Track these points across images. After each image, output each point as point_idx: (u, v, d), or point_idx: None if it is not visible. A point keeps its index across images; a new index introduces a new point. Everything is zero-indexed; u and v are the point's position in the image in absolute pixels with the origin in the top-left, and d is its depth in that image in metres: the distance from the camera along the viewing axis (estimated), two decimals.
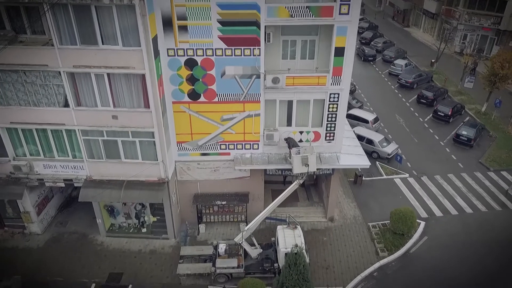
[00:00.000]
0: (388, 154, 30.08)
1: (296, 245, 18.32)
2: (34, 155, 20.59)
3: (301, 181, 20.97)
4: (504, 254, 22.26)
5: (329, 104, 20.44)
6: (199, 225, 23.44)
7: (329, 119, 20.89)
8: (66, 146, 20.28)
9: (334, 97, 20.24)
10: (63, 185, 21.45)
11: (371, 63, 49.73)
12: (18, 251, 21.95)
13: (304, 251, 18.43)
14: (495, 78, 34.26)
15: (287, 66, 19.93)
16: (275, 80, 19.32)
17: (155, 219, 22.80)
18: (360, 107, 36.49)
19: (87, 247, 22.32)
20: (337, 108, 20.58)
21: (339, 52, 19.01)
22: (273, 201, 21.05)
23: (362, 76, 45.56)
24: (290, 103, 20.53)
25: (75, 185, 21.35)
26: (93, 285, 20.03)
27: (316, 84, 19.88)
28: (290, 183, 21.52)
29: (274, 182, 26.07)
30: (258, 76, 19.48)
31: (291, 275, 17.71)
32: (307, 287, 17.91)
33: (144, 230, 23.19)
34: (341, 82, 19.81)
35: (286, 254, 18.56)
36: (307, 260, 19.03)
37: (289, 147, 20.60)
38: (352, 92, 39.60)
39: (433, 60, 47.11)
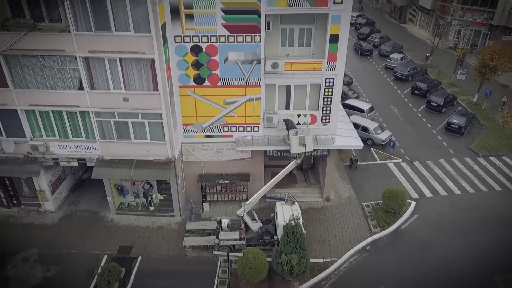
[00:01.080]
0: (382, 141, 31.59)
1: (294, 216, 19.75)
2: (50, 136, 22.10)
3: (299, 161, 22.49)
4: (490, 230, 23.74)
5: (324, 89, 21.95)
6: (203, 204, 24.93)
7: (325, 102, 22.39)
8: (80, 127, 21.77)
9: (329, 82, 21.75)
10: (76, 164, 22.94)
11: (368, 57, 51.24)
12: (34, 227, 23.46)
13: (301, 221, 19.88)
14: (485, 69, 35.76)
15: (286, 53, 21.45)
16: (275, 65, 20.83)
17: (162, 197, 24.30)
18: (356, 98, 37.98)
19: (99, 224, 23.82)
20: (332, 92, 22.09)
21: (334, 39, 20.52)
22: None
23: (359, 70, 47.11)
24: (288, 87, 22.02)
25: (88, 164, 22.82)
26: (105, 256, 21.50)
27: (312, 70, 21.39)
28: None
29: (273, 166, 27.51)
30: (259, 62, 20.98)
31: (289, 243, 19.23)
32: (303, 255, 19.43)
33: (151, 208, 24.69)
34: (336, 68, 21.32)
35: (284, 225, 20.03)
36: (304, 232, 20.48)
37: (288, 129, 22.09)
38: (349, 84, 41.12)
39: (427, 54, 48.65)
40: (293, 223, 19.26)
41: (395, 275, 20.98)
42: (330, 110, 22.67)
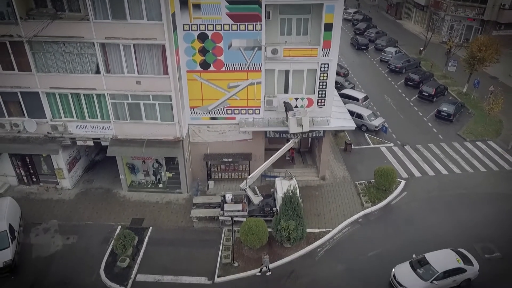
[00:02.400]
0: (376, 127, 33.59)
1: (291, 186, 21.74)
2: (68, 117, 24.08)
3: (297, 140, 24.46)
4: (472, 206, 25.75)
5: (320, 73, 23.94)
6: (209, 182, 26.93)
7: (321, 86, 24.39)
8: (96, 109, 23.75)
9: (324, 67, 23.74)
10: (92, 143, 24.91)
11: (364, 51, 53.22)
12: (53, 202, 25.45)
13: (298, 192, 21.86)
14: (473, 60, 37.75)
15: (284, 40, 23.43)
16: (274, 51, 22.83)
17: (170, 175, 26.29)
18: (352, 88, 39.96)
19: (112, 199, 25.82)
20: (327, 77, 24.08)
21: (328, 27, 22.51)
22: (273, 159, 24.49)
23: (355, 63, 49.11)
24: (287, 72, 24.00)
25: (102, 143, 24.78)
26: (119, 227, 23.49)
27: (309, 56, 23.38)
28: None
29: (273, 149, 29.41)
30: (260, 48, 22.97)
31: (287, 211, 21.26)
32: (300, 223, 21.45)
33: (160, 185, 26.68)
34: (330, 54, 23.31)
35: (283, 196, 22.00)
36: (301, 203, 22.45)
37: (286, 111, 24.08)
38: (345, 75, 43.10)
39: (421, 48, 50.66)
40: (290, 193, 21.26)
41: (385, 243, 23.00)
42: (325, 93, 24.65)
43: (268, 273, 20.86)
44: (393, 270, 20.51)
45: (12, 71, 22.39)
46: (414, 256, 21.11)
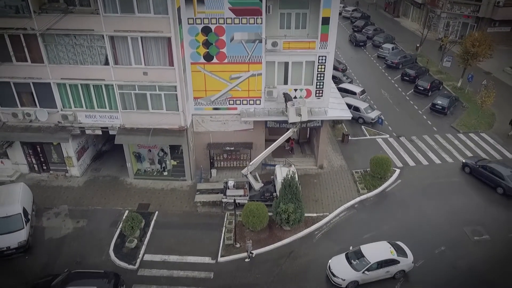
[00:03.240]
0: (372, 119, 34.79)
1: (290, 172, 22.93)
2: (78, 106, 25.25)
3: (296, 129, 25.62)
4: (462, 192, 26.96)
5: (318, 65, 25.11)
6: (211, 170, 28.10)
7: (318, 78, 25.57)
8: (104, 99, 24.91)
9: (322, 59, 24.91)
10: (100, 132, 26.06)
11: (362, 48, 54.43)
12: (63, 189, 26.63)
13: (296, 177, 23.02)
14: (467, 55, 38.94)
15: (284, 33, 24.60)
16: (274, 44, 24.00)
17: (175, 163, 27.46)
18: (350, 83, 41.15)
19: (119, 186, 26.99)
20: (324, 68, 25.25)
21: (325, 21, 23.69)
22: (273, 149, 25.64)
23: (353, 59, 50.30)
24: (286, 64, 25.17)
25: (110, 132, 25.94)
26: (127, 211, 24.62)
27: (307, 48, 24.56)
28: None
29: (274, 140, 30.40)
30: (260, 41, 24.14)
31: (286, 194, 22.44)
32: (299, 206, 22.64)
33: (165, 173, 27.87)
34: (328, 46, 24.49)
35: (282, 181, 23.16)
36: (300, 188, 23.61)
37: (285, 101, 25.25)
38: (343, 71, 44.30)
39: (418, 45, 51.85)
40: (289, 177, 22.45)
41: (379, 227, 24.19)
42: (323, 85, 25.83)
43: (247, 260, 21.75)
44: (329, 261, 21.03)
45: (25, 62, 23.58)
46: (351, 248, 21.48)
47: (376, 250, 20.86)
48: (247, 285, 20.45)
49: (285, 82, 25.86)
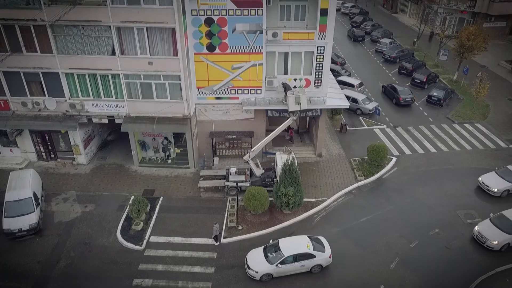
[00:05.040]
0: (370, 110, 35.73)
1: (290, 157, 23.87)
2: (85, 96, 26.15)
3: (295, 117, 26.54)
4: (456, 179, 27.89)
5: (316, 55, 26.02)
6: (214, 158, 29.04)
7: (317, 68, 26.49)
8: (110, 88, 25.81)
9: (320, 50, 25.83)
10: (106, 121, 26.97)
11: (360, 43, 55.37)
12: (70, 176, 27.56)
13: (296, 163, 23.94)
14: (463, 49, 39.89)
15: (284, 25, 25.49)
16: (275, 35, 24.90)
17: (178, 151, 28.40)
18: (348, 76, 42.09)
19: (124, 173, 27.93)
20: (323, 59, 26.17)
21: (324, 12, 24.60)
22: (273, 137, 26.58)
23: (352, 54, 51.23)
24: (286, 54, 26.08)
25: (116, 121, 26.85)
26: (132, 197, 25.52)
27: (306, 39, 25.46)
28: None
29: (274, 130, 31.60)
30: (261, 32, 25.04)
31: (286, 178, 23.38)
32: (298, 190, 23.58)
33: (169, 161, 28.80)
34: (326, 37, 25.40)
35: (282, 166, 24.10)
36: (299, 173, 24.52)
37: (285, 91, 26.17)
38: (342, 64, 45.23)
39: (415, 40, 52.78)
40: (289, 162, 23.39)
41: (376, 210, 25.14)
42: (321, 74, 26.74)
43: (217, 244, 22.53)
44: (247, 255, 21.17)
45: (35, 53, 24.48)
46: (271, 241, 21.69)
47: (293, 244, 20.84)
48: None
49: (285, 72, 26.77)
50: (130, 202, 24.15)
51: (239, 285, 20.29)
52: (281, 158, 25.78)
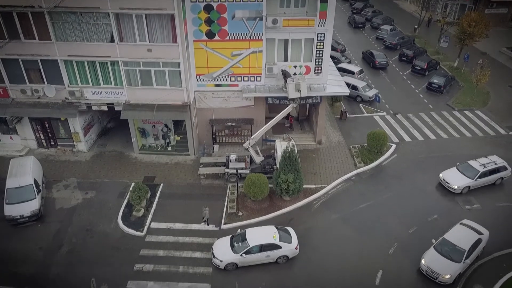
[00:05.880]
0: (370, 97, 35.68)
1: (290, 144, 23.94)
2: (84, 83, 26.09)
3: (295, 105, 26.52)
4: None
5: (317, 42, 25.89)
6: (214, 145, 29.10)
7: (317, 55, 26.37)
8: (110, 76, 25.73)
9: (320, 37, 25.69)
10: (106, 108, 26.96)
11: (361, 29, 55.00)
12: (71, 163, 27.65)
13: (296, 150, 24.01)
14: (464, 36, 39.65)
15: (284, 11, 25.27)
16: (274, 21, 24.74)
17: (178, 138, 28.45)
18: (348, 63, 41.93)
19: (125, 161, 28.02)
20: (323, 46, 26.04)
21: None
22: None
23: (352, 40, 50.93)
24: (286, 41, 25.94)
25: (116, 108, 26.83)
26: (133, 184, 25.63)
27: (306, 26, 25.30)
28: None
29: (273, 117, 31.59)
30: (261, 19, 24.87)
31: (286, 165, 23.48)
32: (298, 176, 23.69)
33: (169, 148, 28.88)
34: (326, 24, 25.23)
35: (282, 153, 24.17)
36: (299, 160, 24.59)
37: (285, 78, 26.09)
38: (342, 51, 45.01)
39: (416, 26, 52.41)
40: (289, 149, 23.46)
41: (375, 197, 25.30)
42: (321, 61, 26.64)
43: (207, 225, 22.79)
44: (214, 243, 21.23)
45: (33, 40, 24.34)
46: (238, 230, 21.98)
47: (260, 234, 20.76)
48: None
49: (285, 59, 26.65)
50: (131, 189, 24.30)
51: (238, 269, 20.51)
52: (281, 145, 25.83)
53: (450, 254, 20.07)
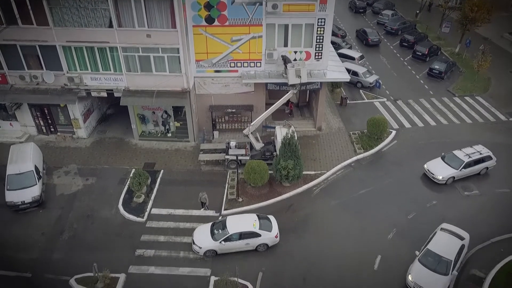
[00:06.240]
0: (370, 83, 35.52)
1: (290, 131, 23.93)
2: (83, 69, 25.94)
3: (295, 91, 26.40)
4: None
5: (317, 28, 25.64)
6: (214, 132, 29.09)
7: (318, 40, 26.15)
8: (109, 62, 25.57)
9: (321, 22, 25.43)
10: (105, 95, 26.86)
11: (362, 14, 54.43)
12: (71, 149, 27.67)
13: (295, 136, 23.99)
14: (466, 21, 39.26)
15: None
16: (274, 6, 24.47)
17: (178, 124, 28.41)
18: (349, 48, 41.61)
19: (125, 147, 28.04)
20: (323, 31, 25.80)
21: None
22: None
23: (353, 26, 50.31)
24: (286, 26, 25.69)
25: (115, 95, 26.71)
26: (133, 170, 25.67)
27: (307, 11, 25.01)
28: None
29: (274, 104, 31.46)
30: (261, 4, 24.57)
31: (286, 152, 23.51)
32: (298, 163, 23.73)
33: (169, 135, 28.87)
34: (327, 9, 24.96)
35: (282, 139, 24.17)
36: (298, 146, 24.60)
37: (285, 64, 25.92)
38: (343, 37, 44.64)
39: (417, 11, 51.84)
40: (289, 136, 23.46)
41: (375, 183, 25.40)
42: (322, 47, 26.43)
43: (207, 210, 22.95)
44: (195, 230, 21.30)
45: (31, 25, 24.10)
46: (220, 217, 22.19)
47: (240, 222, 20.80)
48: None
49: (285, 45, 26.43)
50: (131, 175, 24.37)
51: (238, 255, 20.71)
52: (280, 132, 25.82)
53: (436, 267, 18.96)
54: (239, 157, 25.23)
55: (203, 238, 20.52)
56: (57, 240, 21.31)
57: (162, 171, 25.96)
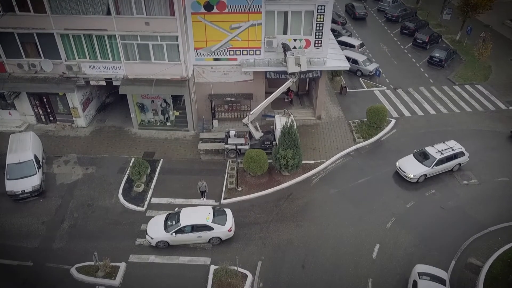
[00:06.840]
0: (370, 72, 35.31)
1: (289, 120, 23.88)
2: (81, 57, 25.73)
3: (295, 79, 26.27)
4: (456, 140, 27.72)
5: (317, 15, 25.38)
6: (213, 121, 29.01)
7: (317, 28, 25.91)
8: (107, 50, 25.36)
9: (321, 9, 25.15)
10: (104, 83, 26.70)
11: (362, 1, 53.67)
12: (70, 138, 27.63)
13: (295, 125, 23.96)
14: (467, 7, 38.86)
15: None
16: None
17: (177, 113, 28.32)
18: (349, 36, 41.27)
19: (124, 136, 27.99)
20: (323, 18, 25.54)
21: None
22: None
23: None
24: (286, 14, 25.42)
25: (114, 83, 26.57)
26: (133, 159, 25.68)
27: None
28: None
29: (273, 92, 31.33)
30: None
31: (285, 141, 23.49)
32: (297, 152, 23.75)
33: (168, 124, 28.81)
34: None
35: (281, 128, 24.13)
36: (298, 136, 24.58)
37: (284, 52, 25.73)
38: (343, 24, 44.20)
39: None
40: (288, 125, 23.41)
41: (374, 172, 25.47)
42: (322, 35, 26.19)
43: (205, 199, 23.09)
44: (150, 220, 21.15)
45: (28, 12, 23.82)
46: (176, 209, 21.81)
47: (193, 215, 20.65)
48: (249, 224, 21.92)
49: (285, 32, 26.20)
50: (131, 164, 24.38)
51: (238, 244, 20.87)
52: (280, 121, 25.74)
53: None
54: (239, 146, 25.23)
55: (156, 229, 20.37)
56: (57, 229, 21.43)
57: (161, 160, 25.98)
